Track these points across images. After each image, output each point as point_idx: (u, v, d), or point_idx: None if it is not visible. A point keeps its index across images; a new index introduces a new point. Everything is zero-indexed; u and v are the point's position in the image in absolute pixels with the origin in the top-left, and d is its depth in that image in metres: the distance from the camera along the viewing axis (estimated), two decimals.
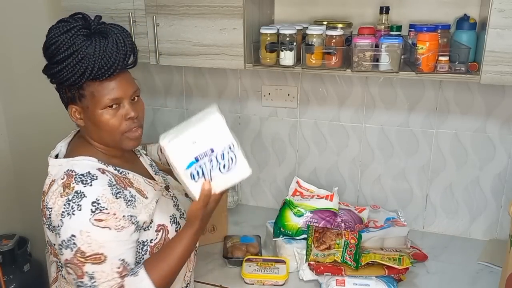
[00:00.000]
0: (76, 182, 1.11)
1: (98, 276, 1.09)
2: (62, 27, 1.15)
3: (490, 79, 1.38)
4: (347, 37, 1.58)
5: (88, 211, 1.08)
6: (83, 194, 1.09)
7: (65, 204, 1.09)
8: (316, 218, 1.65)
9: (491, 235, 1.84)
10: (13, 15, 2.23)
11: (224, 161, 1.12)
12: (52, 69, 1.16)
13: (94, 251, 1.08)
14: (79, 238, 1.07)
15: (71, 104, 1.19)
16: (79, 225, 1.08)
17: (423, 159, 1.84)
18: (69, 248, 1.08)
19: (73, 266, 1.10)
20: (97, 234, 1.08)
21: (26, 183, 2.50)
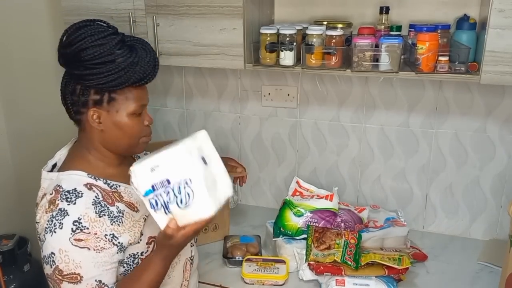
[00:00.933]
0: (61, 199, 1.12)
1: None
2: (98, 32, 1.14)
3: (490, 79, 1.38)
4: (347, 37, 1.58)
5: (69, 230, 1.09)
6: (66, 212, 1.10)
7: (48, 221, 1.11)
8: (316, 218, 1.65)
9: (491, 235, 1.84)
10: (13, 15, 2.23)
11: (180, 195, 1.04)
12: (85, 71, 1.14)
13: (71, 271, 1.08)
14: (57, 256, 1.08)
15: (93, 107, 1.17)
16: (58, 243, 1.09)
17: (423, 159, 1.84)
18: (49, 264, 1.10)
19: (52, 281, 1.11)
20: (75, 254, 1.08)
21: (26, 183, 2.50)
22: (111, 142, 1.22)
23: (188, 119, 2.12)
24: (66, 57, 1.16)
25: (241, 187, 2.13)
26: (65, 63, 1.17)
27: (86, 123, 1.20)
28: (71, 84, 1.18)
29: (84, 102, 1.18)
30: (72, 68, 1.16)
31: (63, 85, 1.20)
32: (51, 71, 2.27)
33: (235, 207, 2.10)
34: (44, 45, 2.23)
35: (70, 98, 1.19)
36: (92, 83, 1.15)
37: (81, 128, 1.23)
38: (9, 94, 2.37)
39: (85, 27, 1.15)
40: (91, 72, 1.13)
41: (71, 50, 1.14)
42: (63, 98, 1.21)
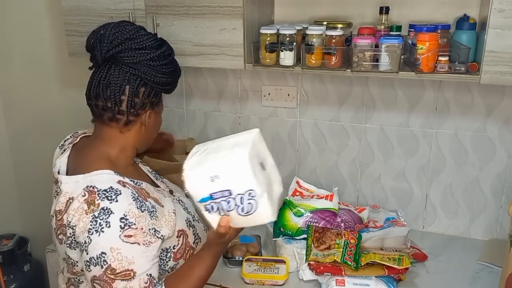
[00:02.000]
0: (100, 198, 1.10)
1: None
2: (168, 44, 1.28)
3: (490, 79, 1.38)
4: (347, 37, 1.58)
5: (117, 227, 1.07)
6: (110, 211, 1.08)
7: (91, 221, 1.08)
8: (316, 218, 1.65)
9: (491, 235, 1.84)
10: (13, 15, 2.23)
11: (243, 205, 1.06)
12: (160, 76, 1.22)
13: (124, 268, 1.08)
14: (109, 255, 1.07)
15: (149, 109, 1.24)
16: (109, 242, 1.07)
17: (423, 159, 1.84)
18: (99, 265, 1.07)
19: (101, 282, 1.08)
20: (127, 251, 1.08)
21: (26, 183, 2.50)
22: (145, 140, 1.29)
23: (188, 119, 2.12)
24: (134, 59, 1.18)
25: None
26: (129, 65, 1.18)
27: (137, 124, 1.23)
28: (133, 86, 1.19)
29: (144, 104, 1.22)
30: (141, 71, 1.19)
31: (116, 89, 1.18)
32: (51, 71, 2.28)
33: None
34: (44, 45, 2.23)
35: (130, 100, 1.19)
36: (165, 88, 1.25)
37: (124, 130, 1.22)
38: (9, 94, 2.37)
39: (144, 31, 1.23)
40: (166, 77, 1.23)
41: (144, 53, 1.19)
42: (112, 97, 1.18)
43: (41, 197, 2.46)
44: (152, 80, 1.20)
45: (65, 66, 2.22)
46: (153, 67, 1.20)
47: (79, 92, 2.20)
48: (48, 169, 2.49)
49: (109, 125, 1.22)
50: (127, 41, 1.18)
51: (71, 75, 2.23)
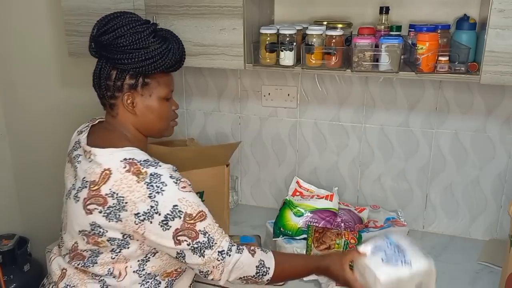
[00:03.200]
0: (144, 166, 1.18)
1: (209, 229, 1.20)
2: (133, 21, 1.27)
3: (490, 79, 1.38)
4: (347, 37, 1.58)
5: (173, 183, 1.18)
6: (158, 174, 1.17)
7: (147, 187, 1.16)
8: (316, 218, 1.65)
9: (491, 235, 1.84)
10: (13, 15, 2.23)
11: None
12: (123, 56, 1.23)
13: (197, 210, 1.19)
14: (180, 205, 1.17)
15: (127, 91, 1.27)
16: (174, 195, 1.17)
17: (423, 159, 1.84)
18: (177, 217, 1.16)
19: (185, 231, 1.17)
20: (191, 197, 1.19)
21: (26, 183, 2.50)
22: (144, 126, 1.32)
23: (188, 119, 2.12)
24: (102, 43, 1.24)
25: (241, 187, 2.13)
26: (101, 49, 1.25)
27: (120, 107, 1.29)
28: (107, 69, 1.26)
29: (119, 86, 1.26)
30: (108, 53, 1.24)
31: (97, 71, 1.27)
32: (51, 71, 2.28)
33: (235, 207, 2.10)
34: (44, 45, 2.23)
35: (104, 83, 1.26)
36: (128, 67, 1.24)
37: (114, 114, 1.30)
38: (9, 94, 2.37)
39: (120, 16, 1.26)
40: (128, 57, 1.23)
41: (109, 36, 1.23)
42: (97, 83, 1.28)
43: (41, 197, 2.47)
44: (116, 62, 1.24)
45: (65, 66, 2.22)
46: (118, 47, 1.23)
47: (79, 92, 2.22)
48: (48, 169, 2.50)
49: (106, 110, 1.33)
50: (101, 27, 1.26)
51: (71, 75, 2.23)
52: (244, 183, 2.13)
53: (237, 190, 2.12)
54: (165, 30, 1.35)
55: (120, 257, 1.22)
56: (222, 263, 1.21)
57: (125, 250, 1.21)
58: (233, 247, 1.23)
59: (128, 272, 1.24)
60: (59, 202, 1.37)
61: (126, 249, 1.21)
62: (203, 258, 1.19)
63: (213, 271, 1.21)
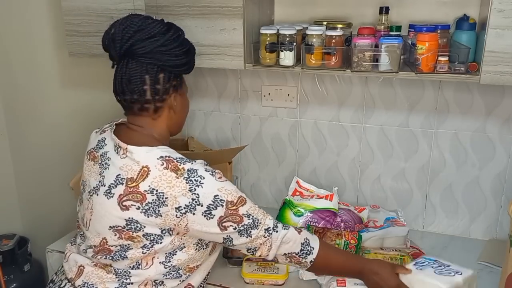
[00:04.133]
0: (181, 163, 1.23)
1: (252, 211, 1.26)
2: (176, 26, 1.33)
3: (489, 79, 1.38)
4: (346, 37, 1.58)
5: (209, 175, 1.23)
6: (194, 169, 1.22)
7: (187, 182, 1.21)
8: (316, 218, 1.65)
9: (490, 235, 1.84)
10: (13, 15, 2.23)
11: None
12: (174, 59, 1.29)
13: (237, 196, 1.24)
14: (221, 194, 1.22)
15: (173, 92, 1.32)
16: (213, 186, 1.22)
17: (423, 159, 1.84)
18: (219, 205, 1.21)
19: (230, 217, 1.23)
20: (229, 185, 1.24)
21: (26, 183, 2.50)
22: (177, 124, 1.40)
23: (188, 119, 2.11)
24: (147, 48, 1.24)
25: (241, 187, 2.13)
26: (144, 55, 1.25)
27: (165, 109, 1.33)
28: (152, 74, 1.26)
29: (167, 89, 1.30)
30: (156, 59, 1.25)
31: (137, 81, 1.26)
32: (51, 71, 2.28)
33: None
34: (44, 45, 2.23)
35: (152, 89, 1.27)
36: (182, 69, 1.32)
37: (156, 116, 1.32)
38: (9, 94, 2.37)
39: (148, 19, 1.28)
40: (180, 58, 1.29)
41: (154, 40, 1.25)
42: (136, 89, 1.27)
43: (41, 197, 2.47)
44: (168, 65, 1.27)
45: (65, 66, 2.22)
46: (165, 52, 1.26)
47: (79, 92, 2.22)
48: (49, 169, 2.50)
49: (141, 115, 1.31)
50: (136, 33, 1.24)
51: (71, 75, 2.23)
52: (244, 183, 2.13)
53: None
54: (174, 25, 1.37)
55: (151, 252, 1.26)
56: (269, 239, 1.27)
57: (157, 245, 1.25)
58: (279, 224, 1.30)
59: (154, 262, 1.28)
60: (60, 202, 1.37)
61: (159, 244, 1.25)
62: (250, 238, 1.25)
63: (261, 247, 1.28)
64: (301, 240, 1.31)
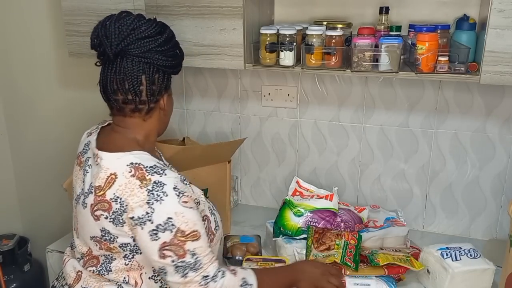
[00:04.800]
0: (150, 173, 1.16)
1: (199, 252, 1.17)
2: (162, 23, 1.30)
3: (489, 79, 1.38)
4: (346, 37, 1.58)
5: (174, 195, 1.15)
6: (162, 183, 1.16)
7: (148, 194, 1.14)
8: (316, 218, 1.65)
9: (490, 235, 1.84)
10: (13, 15, 2.23)
11: None
12: (169, 59, 1.27)
13: (191, 229, 1.16)
14: (175, 219, 1.14)
15: (165, 92, 1.30)
16: (171, 208, 1.14)
17: (422, 159, 1.84)
18: (168, 230, 1.14)
19: (173, 247, 1.14)
20: (189, 214, 1.16)
21: (26, 183, 2.50)
22: (165, 123, 1.37)
23: (188, 119, 2.12)
24: (143, 48, 1.21)
25: (241, 187, 2.13)
26: (140, 55, 1.21)
27: (156, 110, 1.29)
28: (149, 74, 1.23)
29: (160, 89, 1.27)
30: (153, 59, 1.23)
31: (134, 80, 1.22)
32: (51, 71, 2.28)
33: (235, 207, 2.10)
34: (44, 45, 2.23)
35: (149, 89, 1.24)
36: (175, 70, 1.30)
37: (147, 117, 1.28)
38: (9, 94, 2.37)
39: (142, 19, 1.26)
40: (174, 59, 1.28)
41: (151, 40, 1.22)
42: (130, 89, 1.22)
43: (41, 197, 2.47)
44: (164, 65, 1.25)
45: (65, 66, 2.22)
46: (161, 52, 1.24)
47: (79, 92, 2.22)
48: (48, 169, 2.50)
49: (132, 116, 1.27)
50: (132, 32, 1.21)
51: (71, 75, 2.23)
52: (244, 183, 2.13)
53: (237, 190, 2.12)
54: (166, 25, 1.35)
55: (134, 263, 1.22)
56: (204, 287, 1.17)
57: (137, 256, 1.21)
58: (219, 273, 1.20)
59: (144, 280, 1.24)
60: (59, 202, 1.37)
61: (138, 255, 1.20)
62: (184, 279, 1.16)
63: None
64: (239, 282, 1.23)
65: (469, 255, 1.47)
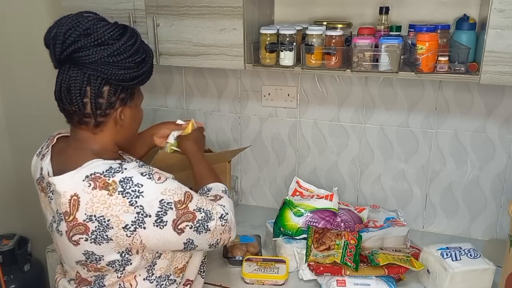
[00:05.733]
0: (108, 176, 1.10)
1: (201, 204, 1.19)
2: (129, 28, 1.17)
3: (489, 79, 1.38)
4: (346, 37, 1.58)
5: (147, 180, 1.12)
6: (127, 178, 1.10)
7: (124, 196, 1.09)
8: (316, 218, 1.65)
9: (490, 235, 1.84)
10: (13, 15, 2.23)
11: None
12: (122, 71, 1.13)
13: (182, 194, 1.16)
14: (166, 197, 1.13)
15: (120, 106, 1.17)
16: (156, 191, 1.12)
17: (422, 159, 1.84)
18: (169, 208, 1.13)
19: (183, 217, 1.15)
20: (170, 184, 1.15)
21: (26, 183, 2.50)
22: (125, 137, 1.24)
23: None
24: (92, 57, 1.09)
25: (241, 187, 2.13)
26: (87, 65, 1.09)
27: (108, 124, 1.17)
28: (95, 87, 1.11)
29: (112, 103, 1.14)
30: (101, 71, 1.10)
31: (77, 92, 1.11)
32: (51, 71, 2.27)
33: (235, 207, 2.09)
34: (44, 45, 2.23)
35: (93, 102, 1.12)
36: (132, 83, 1.15)
37: (97, 131, 1.17)
38: (9, 94, 2.37)
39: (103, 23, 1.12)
40: (131, 71, 1.14)
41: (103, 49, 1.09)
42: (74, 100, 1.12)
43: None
44: (115, 78, 1.11)
45: None
46: (114, 63, 1.10)
47: None
48: None
49: (80, 127, 1.17)
50: (82, 37, 1.08)
51: None
52: (244, 183, 2.13)
53: (237, 190, 2.12)
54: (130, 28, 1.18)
55: (126, 273, 1.19)
56: (226, 224, 1.23)
57: (128, 267, 1.17)
58: (225, 203, 1.27)
59: (138, 282, 1.22)
60: None
61: (130, 266, 1.17)
62: (210, 231, 1.20)
63: (222, 237, 1.24)
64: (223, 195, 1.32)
65: (469, 255, 1.46)
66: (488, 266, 1.44)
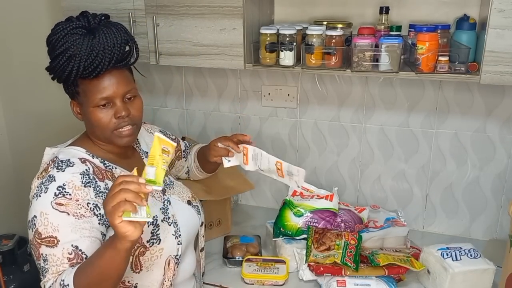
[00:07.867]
0: (53, 167, 1.16)
1: (50, 259, 1.11)
2: (63, 24, 1.17)
3: (490, 79, 1.38)
4: (347, 37, 1.58)
5: (52, 194, 1.11)
6: (54, 178, 1.13)
7: (38, 186, 1.14)
8: (316, 218, 1.65)
9: (491, 235, 1.84)
10: (13, 15, 2.23)
11: None
12: (49, 65, 1.20)
13: (48, 234, 1.10)
14: (38, 219, 1.11)
15: (72, 99, 1.25)
16: (41, 206, 1.11)
17: (423, 159, 1.84)
18: (31, 228, 1.12)
19: (33, 247, 1.13)
20: (54, 218, 1.10)
21: (26, 183, 2.49)
22: (91, 132, 1.26)
23: (188, 119, 2.12)
24: None
25: None
26: None
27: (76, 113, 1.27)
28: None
29: (68, 93, 1.25)
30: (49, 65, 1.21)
31: None
32: None
33: (235, 207, 2.10)
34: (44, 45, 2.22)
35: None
36: (53, 77, 1.22)
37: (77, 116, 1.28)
38: (9, 93, 2.37)
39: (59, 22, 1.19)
40: (52, 65, 1.19)
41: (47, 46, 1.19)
42: None
43: None
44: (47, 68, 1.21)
45: None
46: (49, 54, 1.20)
47: None
48: None
49: None
50: None
51: None
52: None
53: None
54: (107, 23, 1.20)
55: None
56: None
57: None
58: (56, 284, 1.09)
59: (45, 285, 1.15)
60: None
61: None
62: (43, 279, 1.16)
63: None
64: None
65: (469, 255, 1.46)
66: (488, 266, 1.44)
